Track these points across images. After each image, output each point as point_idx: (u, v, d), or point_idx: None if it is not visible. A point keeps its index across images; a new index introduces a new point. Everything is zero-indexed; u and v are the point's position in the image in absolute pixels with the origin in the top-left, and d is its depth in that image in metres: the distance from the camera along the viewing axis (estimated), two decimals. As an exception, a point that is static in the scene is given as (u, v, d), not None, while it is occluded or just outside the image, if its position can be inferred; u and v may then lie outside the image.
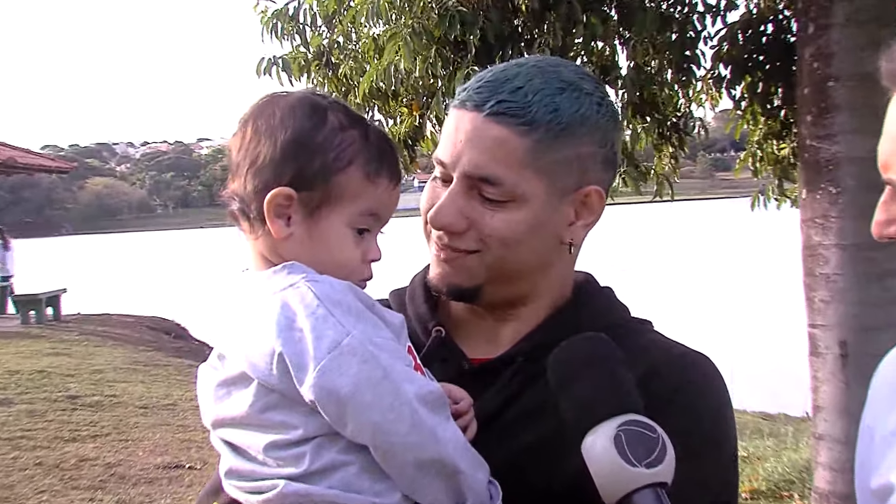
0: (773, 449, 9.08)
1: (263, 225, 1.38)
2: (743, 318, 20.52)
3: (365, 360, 1.24)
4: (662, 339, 1.52)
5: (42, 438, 8.57)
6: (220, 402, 1.36)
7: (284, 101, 1.42)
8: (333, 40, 6.55)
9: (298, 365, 1.24)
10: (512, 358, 1.47)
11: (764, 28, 6.20)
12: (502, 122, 1.39)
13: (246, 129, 1.41)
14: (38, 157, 22.54)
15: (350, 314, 1.29)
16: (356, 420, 1.24)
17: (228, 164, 1.43)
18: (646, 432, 1.17)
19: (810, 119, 5.24)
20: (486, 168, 1.39)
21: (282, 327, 1.26)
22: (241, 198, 1.39)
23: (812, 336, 5.35)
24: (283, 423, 1.29)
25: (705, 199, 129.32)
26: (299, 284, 1.31)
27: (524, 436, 1.40)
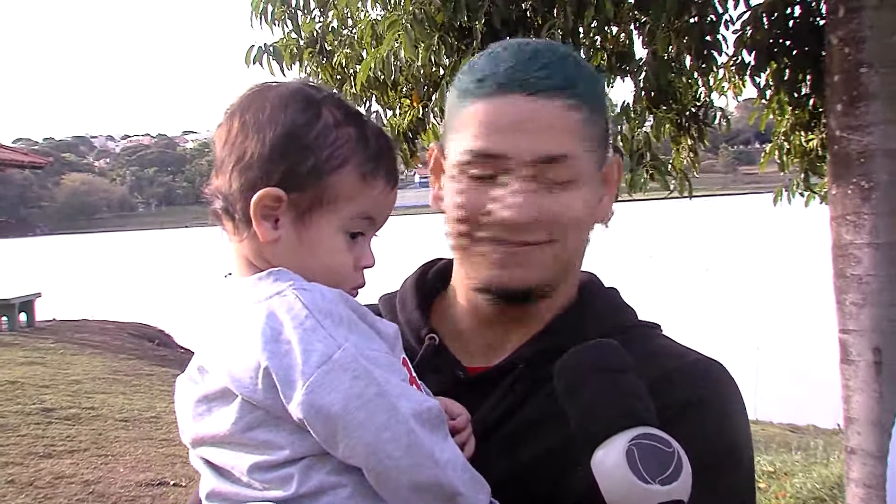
0: (802, 464, 9.08)
1: (249, 227, 1.36)
2: (768, 322, 20.51)
3: (357, 376, 1.23)
4: (672, 345, 1.52)
5: (14, 454, 8.57)
6: (200, 418, 1.35)
7: (275, 92, 1.41)
8: (327, 25, 6.53)
9: (286, 380, 1.23)
10: (512, 365, 1.47)
11: (791, 11, 6.18)
12: (553, 98, 1.40)
13: (232, 123, 1.39)
14: (9, 152, 22.52)
15: (341, 325, 1.27)
16: (348, 440, 1.22)
17: (213, 158, 1.41)
18: (660, 447, 1.17)
19: (841, 108, 5.23)
20: (552, 147, 1.40)
21: (267, 339, 1.25)
22: (225, 196, 1.38)
23: (843, 342, 5.34)
24: (269, 443, 1.28)
25: (728, 195, 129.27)
26: (286, 293, 1.30)
27: (527, 449, 1.40)
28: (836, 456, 8.86)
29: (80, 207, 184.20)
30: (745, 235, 52.15)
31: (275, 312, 1.27)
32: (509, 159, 1.40)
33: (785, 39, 6.17)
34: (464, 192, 1.44)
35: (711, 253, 42.86)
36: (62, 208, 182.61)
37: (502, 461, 1.37)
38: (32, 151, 42.42)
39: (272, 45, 6.46)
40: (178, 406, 1.40)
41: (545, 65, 1.40)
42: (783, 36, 6.16)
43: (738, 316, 22.75)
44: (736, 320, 21.88)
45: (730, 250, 43.47)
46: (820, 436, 11.15)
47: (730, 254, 41.66)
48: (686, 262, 39.43)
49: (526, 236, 1.42)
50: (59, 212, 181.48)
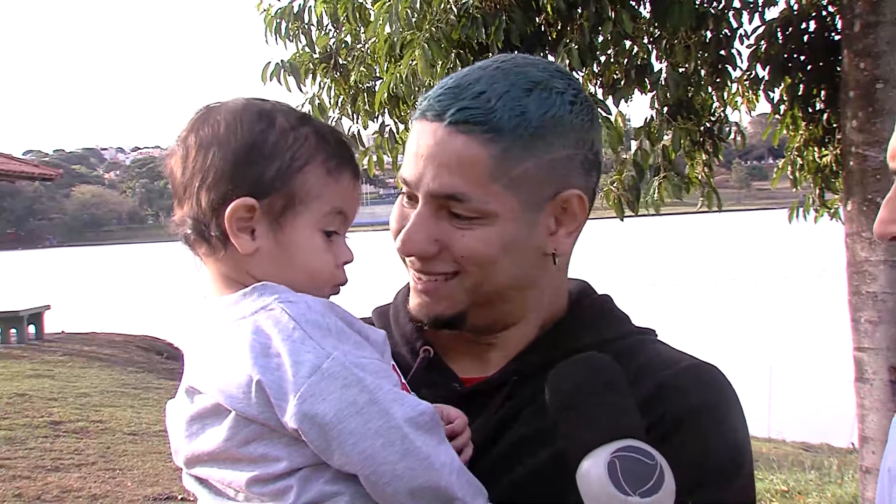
0: (816, 483, 9.04)
1: (226, 243, 1.38)
2: (782, 339, 20.44)
3: (348, 384, 1.25)
4: (667, 351, 1.52)
5: (22, 467, 8.58)
6: (194, 437, 1.36)
7: (225, 109, 1.43)
8: (341, 40, 6.56)
9: (278, 393, 1.25)
10: (505, 378, 1.47)
11: (805, 25, 6.19)
12: (465, 132, 1.38)
13: (188, 146, 1.40)
14: (20, 164, 22.65)
15: (330, 335, 1.29)
16: (342, 448, 1.24)
17: (172, 187, 1.43)
18: (642, 458, 1.18)
19: (856, 124, 5.23)
20: (451, 185, 1.39)
21: (257, 353, 1.27)
22: (195, 218, 1.39)
23: (858, 360, 5.32)
24: (266, 456, 1.29)
25: (741, 210, 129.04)
26: (272, 306, 1.31)
27: (523, 463, 1.39)
28: (851, 475, 8.82)
29: (90, 219, 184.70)
30: (758, 251, 52.04)
31: (262, 327, 1.29)
32: (415, 188, 1.43)
33: (799, 54, 6.18)
34: (394, 211, 1.49)
35: (725, 268, 42.77)
36: (71, 220, 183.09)
37: (499, 476, 1.37)
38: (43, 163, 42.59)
39: (289, 61, 6.50)
40: (171, 428, 1.41)
41: (475, 95, 1.39)
42: (798, 51, 6.17)
43: (752, 332, 22.68)
44: (750, 336, 21.82)
45: (744, 266, 43.37)
46: (834, 455, 11.10)
47: (744, 270, 41.56)
48: (700, 277, 39.34)
49: (432, 267, 1.44)
50: (69, 224, 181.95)
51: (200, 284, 1.46)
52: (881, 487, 1.49)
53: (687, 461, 1.20)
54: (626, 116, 6.53)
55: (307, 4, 6.46)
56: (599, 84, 6.02)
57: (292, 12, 6.44)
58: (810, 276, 32.49)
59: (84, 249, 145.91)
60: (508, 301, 1.48)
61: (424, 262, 1.44)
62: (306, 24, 6.48)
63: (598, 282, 1.61)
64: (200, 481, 1.37)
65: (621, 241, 59.82)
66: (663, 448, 1.20)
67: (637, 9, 5.54)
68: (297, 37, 6.50)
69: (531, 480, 1.37)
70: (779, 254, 47.16)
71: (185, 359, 1.41)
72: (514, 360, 1.49)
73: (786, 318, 24.50)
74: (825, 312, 14.10)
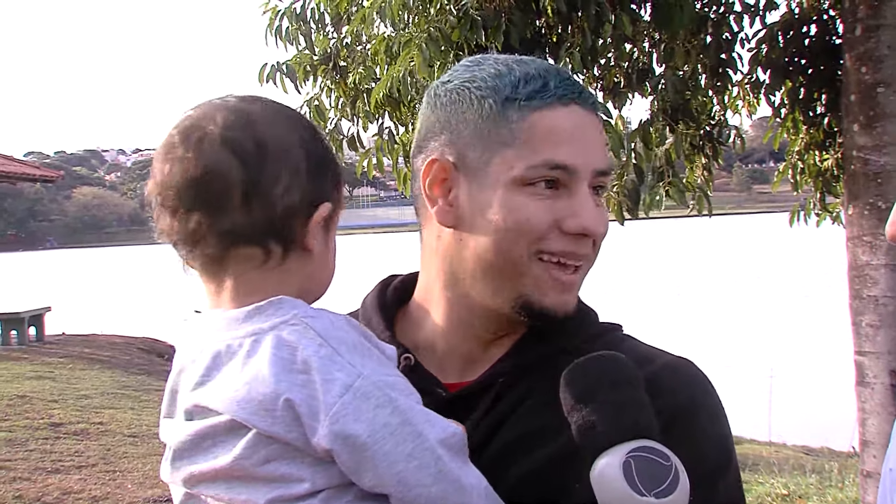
0: (817, 487, 9.03)
1: (289, 250, 1.34)
2: (783, 343, 20.44)
3: (380, 404, 1.22)
4: (640, 346, 1.51)
5: (22, 469, 8.58)
6: (199, 456, 1.30)
7: (267, 109, 1.38)
8: (340, 40, 6.57)
9: (309, 412, 1.21)
10: (491, 381, 1.45)
11: (807, 29, 6.19)
12: (594, 112, 1.44)
13: (243, 146, 1.32)
14: (21, 165, 22.61)
15: (356, 352, 1.26)
16: (376, 470, 1.21)
17: (212, 191, 1.31)
18: (658, 460, 1.17)
19: (857, 128, 5.23)
20: (606, 160, 1.44)
21: (282, 370, 1.23)
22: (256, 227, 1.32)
23: (859, 364, 5.32)
24: (287, 476, 1.25)
25: (742, 214, 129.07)
26: (294, 321, 1.27)
27: (516, 466, 1.38)
28: (852, 479, 8.82)
29: (91, 221, 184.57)
30: (759, 255, 52.03)
31: (285, 342, 1.25)
32: (578, 171, 1.39)
33: (800, 58, 6.18)
34: (528, 204, 1.39)
35: (725, 272, 42.77)
36: (72, 222, 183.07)
37: (490, 482, 1.34)
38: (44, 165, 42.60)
39: (285, 63, 6.50)
40: (169, 444, 1.36)
41: (575, 80, 1.44)
42: (799, 54, 6.17)
43: (752, 335, 22.68)
44: (751, 340, 21.83)
45: (744, 270, 43.37)
46: (835, 458, 11.09)
47: (745, 273, 41.55)
48: (700, 281, 39.34)
49: (586, 250, 1.43)
50: (69, 226, 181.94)
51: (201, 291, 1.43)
52: (882, 489, 1.49)
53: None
54: (627, 119, 6.53)
55: (309, 5, 6.47)
56: (600, 87, 6.03)
57: (294, 13, 6.45)
58: (811, 280, 32.48)
59: (85, 251, 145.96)
60: None
61: (585, 244, 1.43)
62: (307, 25, 6.49)
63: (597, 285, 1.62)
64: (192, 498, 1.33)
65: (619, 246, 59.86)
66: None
67: (637, 12, 5.54)
68: (296, 38, 6.51)
69: (523, 484, 1.36)
70: (780, 257, 47.15)
71: (182, 381, 1.36)
72: (499, 362, 1.48)
73: (787, 322, 24.50)
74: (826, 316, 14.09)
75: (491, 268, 1.42)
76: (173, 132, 1.35)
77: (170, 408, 1.39)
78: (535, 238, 1.39)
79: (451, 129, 1.44)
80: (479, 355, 1.50)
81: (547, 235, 1.39)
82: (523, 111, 1.39)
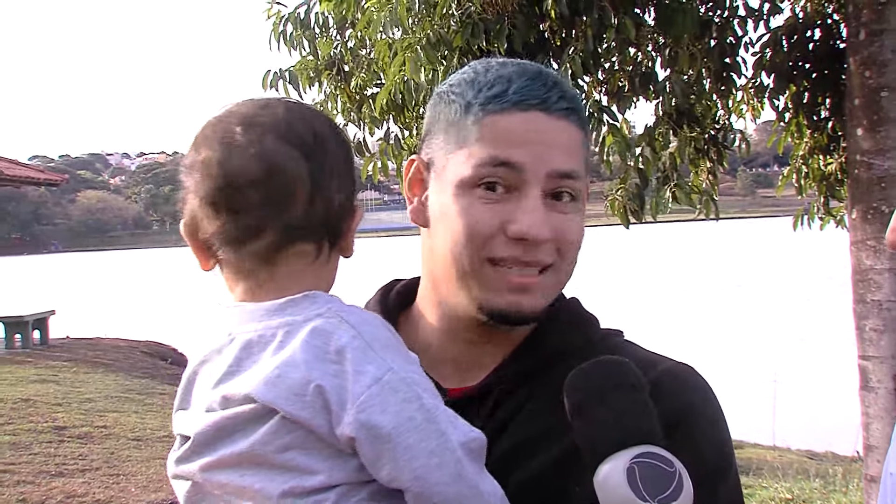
0: (821, 491, 9.01)
1: (335, 245, 1.39)
2: (787, 348, 20.41)
3: (407, 399, 1.24)
4: (642, 352, 1.51)
5: (26, 473, 8.59)
6: (220, 444, 1.30)
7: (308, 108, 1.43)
8: (344, 45, 6.57)
9: (339, 400, 1.23)
10: (491, 387, 1.46)
11: (811, 34, 6.19)
12: (566, 118, 1.40)
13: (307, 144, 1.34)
14: (25, 169, 22.62)
15: (388, 348, 1.28)
16: (396, 463, 1.22)
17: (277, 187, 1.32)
18: (662, 466, 1.17)
19: (861, 132, 5.23)
20: (569, 164, 1.40)
21: (315, 358, 1.25)
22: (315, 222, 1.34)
23: (863, 368, 5.32)
24: (304, 467, 1.26)
25: (746, 218, 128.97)
26: (328, 315, 1.29)
27: (517, 473, 1.38)
28: (856, 484, 8.80)
29: (95, 225, 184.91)
30: (763, 259, 51.98)
31: (320, 333, 1.26)
32: (527, 171, 1.38)
33: (804, 62, 6.18)
34: (475, 207, 1.40)
35: (729, 276, 42.73)
36: (76, 226, 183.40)
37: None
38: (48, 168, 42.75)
39: (288, 69, 6.51)
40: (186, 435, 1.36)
41: (554, 86, 1.41)
42: (803, 59, 6.17)
43: (756, 340, 22.65)
44: (755, 344, 21.80)
45: (748, 274, 43.33)
46: (839, 463, 11.06)
47: (750, 277, 41.52)
48: (704, 285, 39.31)
49: (541, 256, 1.40)
50: (74, 229, 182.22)
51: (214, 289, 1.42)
52: (883, 492, 1.50)
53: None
54: (631, 123, 6.52)
55: (313, 10, 6.47)
56: (604, 91, 6.03)
57: (298, 18, 6.46)
58: (815, 284, 32.44)
59: (89, 255, 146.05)
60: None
61: (535, 250, 1.40)
62: (311, 31, 6.49)
63: (601, 290, 1.61)
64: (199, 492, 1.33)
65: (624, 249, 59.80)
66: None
67: (641, 16, 5.53)
68: (300, 44, 6.52)
69: (524, 489, 1.36)
70: (783, 261, 47.10)
71: (204, 371, 1.35)
72: (500, 367, 1.48)
73: (790, 326, 24.46)
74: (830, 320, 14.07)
75: (453, 271, 1.43)
76: (232, 128, 1.34)
77: (184, 399, 1.39)
78: (482, 242, 1.39)
79: (431, 131, 1.48)
80: (476, 360, 1.49)
81: (493, 240, 1.39)
82: (479, 115, 1.40)
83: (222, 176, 1.32)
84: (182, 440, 1.37)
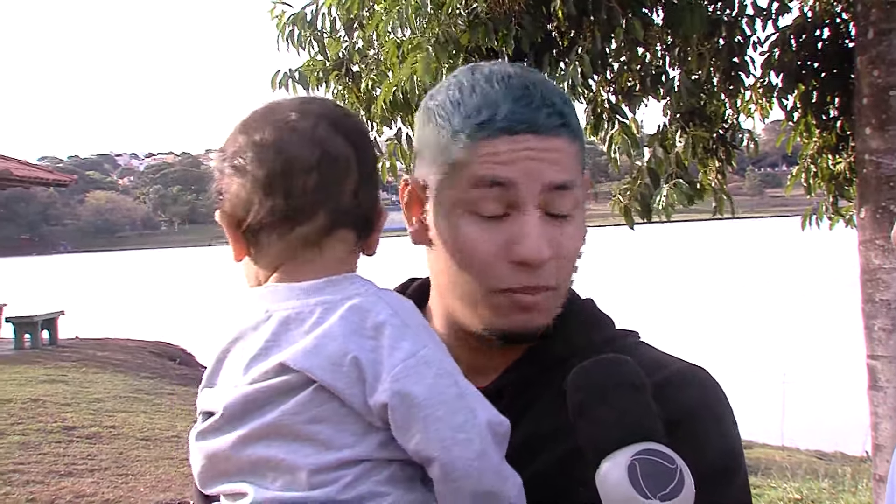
0: (829, 491, 9.00)
1: (370, 234, 1.43)
2: (795, 347, 20.38)
3: (441, 374, 1.28)
4: (655, 353, 1.51)
5: (36, 472, 8.62)
6: (253, 414, 1.31)
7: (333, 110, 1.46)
8: (353, 45, 6.57)
9: (374, 372, 1.26)
10: (501, 388, 1.46)
11: (819, 33, 6.18)
12: (557, 135, 1.38)
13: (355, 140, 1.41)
14: (34, 169, 22.69)
15: (423, 330, 1.33)
16: (425, 433, 1.25)
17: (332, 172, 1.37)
18: (663, 462, 1.17)
19: (869, 132, 5.23)
20: (560, 175, 1.38)
21: (353, 332, 1.28)
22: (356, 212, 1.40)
23: (871, 368, 5.31)
24: (330, 441, 1.28)
25: (754, 218, 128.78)
26: (368, 294, 1.33)
27: (523, 472, 1.37)
28: (865, 484, 8.78)
29: (103, 225, 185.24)
30: (772, 258, 51.91)
31: (362, 309, 1.30)
32: (520, 189, 1.37)
33: (813, 61, 6.17)
34: (472, 231, 1.39)
35: (738, 275, 42.68)
36: (85, 226, 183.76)
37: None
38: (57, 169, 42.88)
39: (297, 69, 6.51)
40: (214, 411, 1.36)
41: (544, 104, 1.39)
42: (811, 58, 6.15)
43: (765, 339, 22.62)
44: (763, 344, 21.77)
45: (757, 273, 43.26)
46: (848, 463, 11.04)
47: (757, 276, 41.46)
48: (712, 284, 39.26)
49: (544, 280, 1.40)
50: (82, 229, 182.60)
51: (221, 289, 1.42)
52: (891, 490, 1.49)
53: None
54: (640, 123, 6.51)
55: (320, 11, 6.47)
56: (613, 91, 6.02)
57: (305, 19, 6.46)
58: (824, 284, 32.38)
59: (98, 255, 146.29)
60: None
61: (538, 274, 1.39)
62: (319, 31, 6.49)
63: (609, 290, 1.61)
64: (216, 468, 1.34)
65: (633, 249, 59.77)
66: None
67: (650, 16, 5.53)
68: (308, 44, 6.52)
69: (528, 487, 1.36)
70: (792, 261, 47.02)
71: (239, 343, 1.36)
72: (510, 368, 1.49)
73: (799, 326, 24.42)
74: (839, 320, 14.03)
75: (459, 294, 1.45)
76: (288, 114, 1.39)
77: (212, 377, 1.39)
78: (484, 270, 1.39)
79: (422, 152, 1.47)
80: (485, 363, 1.50)
81: (495, 268, 1.39)
82: (467, 142, 1.38)
83: (280, 158, 1.35)
84: (205, 416, 1.38)
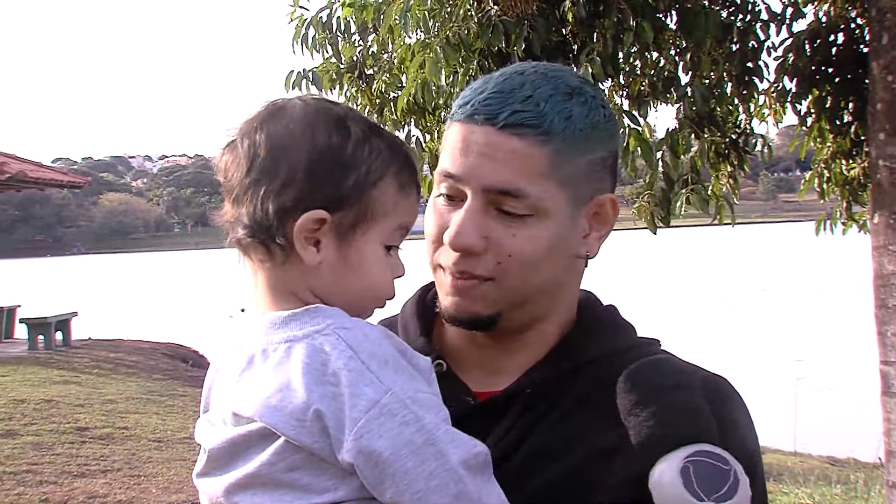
0: (842, 498, 8.97)
1: (289, 252, 1.32)
2: (808, 353, 20.30)
3: (406, 422, 1.23)
4: (675, 361, 1.49)
5: (49, 473, 8.63)
6: (234, 462, 1.31)
7: (297, 109, 1.37)
8: (367, 49, 6.58)
9: (336, 425, 1.22)
10: (519, 391, 1.46)
11: (833, 38, 6.16)
12: (519, 134, 1.39)
13: (255, 143, 1.33)
14: (49, 171, 22.75)
15: (387, 367, 1.26)
16: (396, 486, 1.22)
17: (226, 183, 1.35)
18: (717, 464, 1.18)
19: (883, 137, 5.20)
20: (508, 181, 1.39)
21: (313, 380, 1.24)
22: (256, 223, 1.32)
23: (884, 374, 5.28)
24: (311, 486, 1.27)
25: (768, 223, 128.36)
26: (327, 332, 1.28)
27: (539, 477, 1.38)
28: (878, 490, 8.74)
29: (117, 227, 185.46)
30: (785, 263, 51.73)
31: (319, 353, 1.25)
32: (464, 183, 1.41)
33: (827, 66, 6.15)
34: (430, 213, 1.48)
35: (751, 280, 42.55)
36: (99, 228, 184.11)
37: (514, 492, 1.34)
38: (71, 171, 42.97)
39: (311, 70, 6.51)
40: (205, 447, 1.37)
41: (524, 99, 1.40)
42: (825, 63, 6.14)
43: (778, 344, 22.54)
44: (777, 349, 21.69)
45: (770, 278, 43.12)
46: (860, 469, 10.99)
47: (771, 281, 41.32)
48: (726, 289, 39.16)
49: (473, 268, 1.42)
50: (96, 231, 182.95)
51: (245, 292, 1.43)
52: None
53: None
54: (653, 127, 6.50)
55: (335, 14, 6.48)
56: (625, 95, 6.01)
57: (321, 22, 6.46)
58: (837, 289, 32.25)
59: (111, 257, 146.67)
60: (539, 303, 1.48)
61: (467, 261, 1.42)
62: (333, 34, 6.49)
63: (625, 293, 1.62)
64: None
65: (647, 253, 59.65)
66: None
67: (663, 20, 5.52)
68: (323, 47, 6.52)
69: (545, 493, 1.36)
70: (806, 266, 46.86)
71: (219, 379, 1.37)
72: (528, 372, 1.48)
73: (812, 331, 24.33)
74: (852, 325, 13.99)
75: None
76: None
77: (206, 404, 1.41)
78: (432, 248, 1.48)
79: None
80: (502, 365, 1.50)
81: (439, 246, 1.46)
82: (448, 124, 1.47)
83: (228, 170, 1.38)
84: (203, 451, 1.38)
